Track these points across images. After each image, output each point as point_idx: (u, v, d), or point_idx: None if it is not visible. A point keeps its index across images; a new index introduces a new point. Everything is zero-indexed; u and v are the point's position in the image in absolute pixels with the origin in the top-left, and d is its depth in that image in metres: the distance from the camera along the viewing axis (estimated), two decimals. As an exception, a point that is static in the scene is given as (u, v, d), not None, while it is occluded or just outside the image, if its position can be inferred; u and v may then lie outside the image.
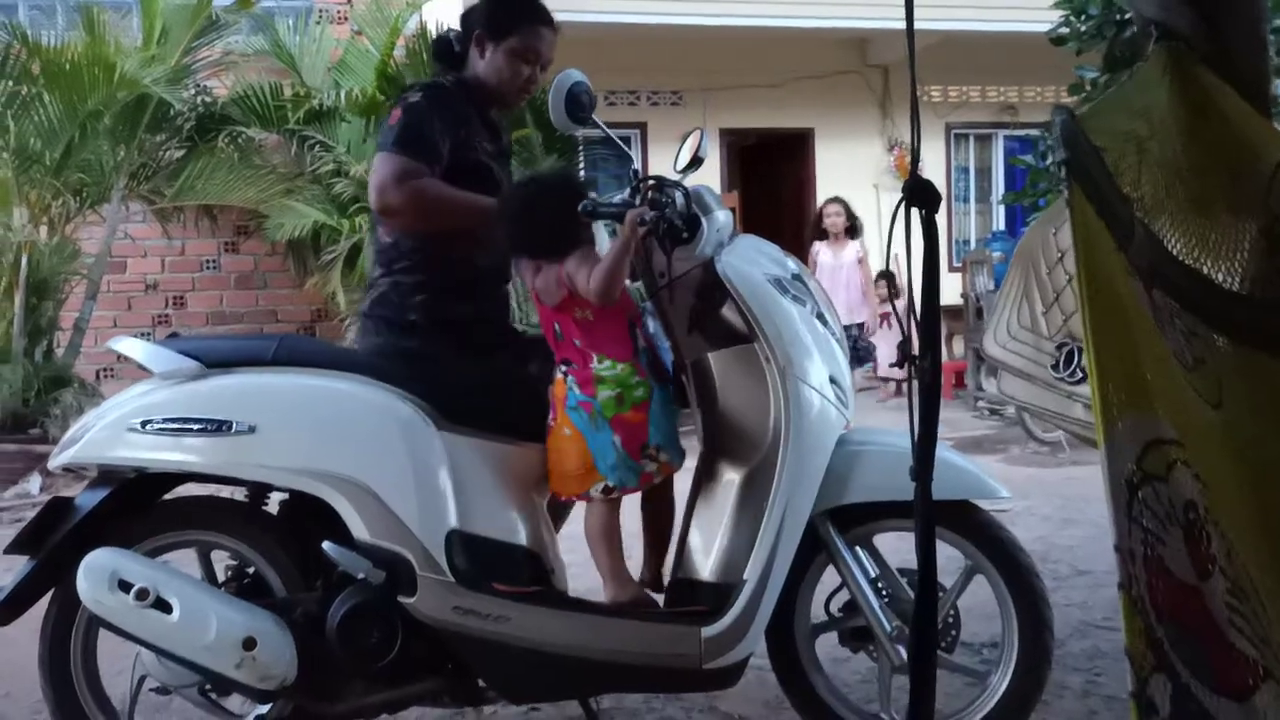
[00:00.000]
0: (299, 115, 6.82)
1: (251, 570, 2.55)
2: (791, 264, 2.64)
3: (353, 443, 2.43)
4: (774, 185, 11.66)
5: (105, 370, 7.69)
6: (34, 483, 6.19)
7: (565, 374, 2.51)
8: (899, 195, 1.66)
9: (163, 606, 2.33)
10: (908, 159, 11.77)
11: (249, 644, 2.33)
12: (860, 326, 7.88)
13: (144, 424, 2.42)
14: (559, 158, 7.60)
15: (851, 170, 11.43)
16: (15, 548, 2.48)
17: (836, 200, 8.46)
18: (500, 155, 2.85)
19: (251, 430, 2.40)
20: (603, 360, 2.48)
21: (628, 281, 2.52)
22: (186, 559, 2.59)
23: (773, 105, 11.23)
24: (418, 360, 2.58)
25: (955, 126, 12.00)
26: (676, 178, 2.70)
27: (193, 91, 6.83)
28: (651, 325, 2.67)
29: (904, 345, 1.71)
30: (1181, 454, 0.87)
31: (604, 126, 2.76)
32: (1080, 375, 1.17)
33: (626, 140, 11.28)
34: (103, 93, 6.03)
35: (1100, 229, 0.93)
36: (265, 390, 2.47)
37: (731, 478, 2.52)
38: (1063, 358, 1.16)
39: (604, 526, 2.52)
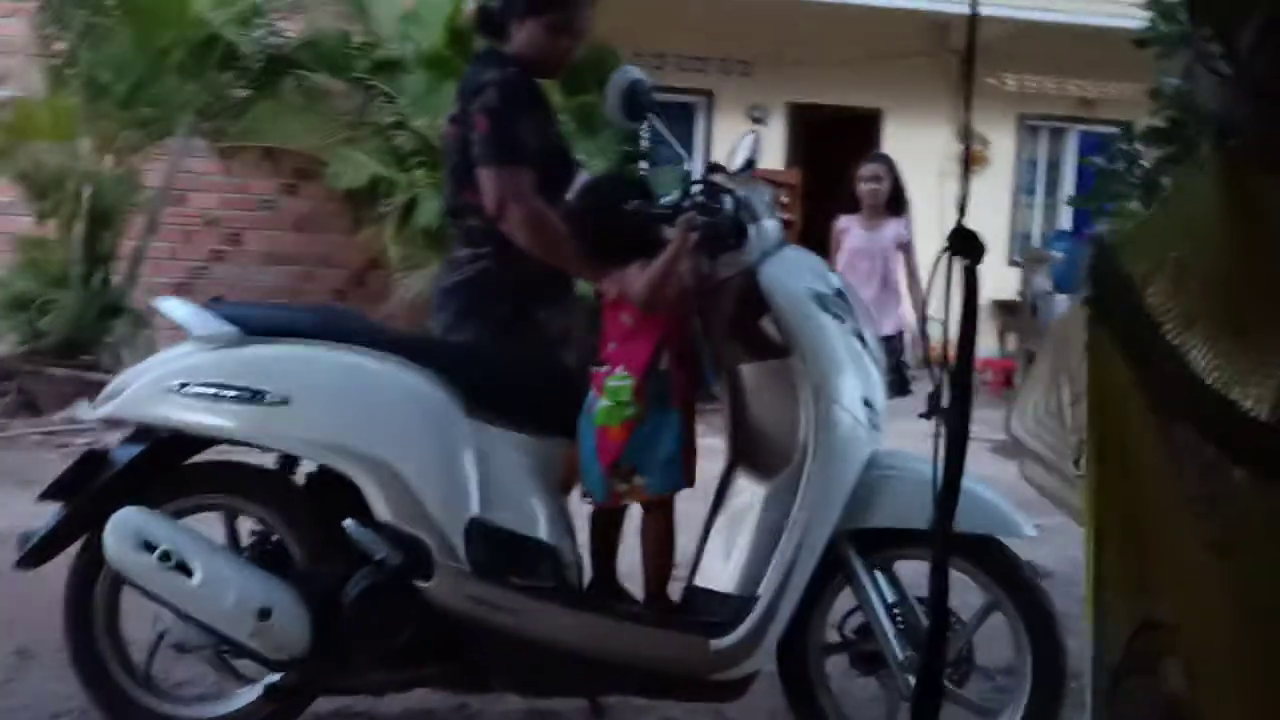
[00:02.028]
0: (366, 64, 6.83)
1: (275, 538, 2.59)
2: (835, 279, 2.61)
3: (382, 423, 2.45)
4: (838, 165, 11.49)
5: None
6: (83, 408, 6.31)
7: (594, 371, 2.52)
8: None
9: (184, 570, 2.38)
10: (977, 150, 11.63)
11: (265, 614, 2.37)
12: (896, 341, 5.04)
13: (182, 386, 2.46)
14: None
15: (918, 155, 11.22)
16: (49, 495, 2.54)
17: (879, 159, 5.42)
18: (554, 118, 3.00)
19: (285, 402, 2.43)
20: (616, 370, 2.49)
21: None
22: (214, 519, 2.64)
23: (844, 83, 11.07)
24: (454, 346, 2.59)
25: (1029, 118, 11.76)
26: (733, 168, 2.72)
27: (263, 33, 6.86)
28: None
29: (934, 396, 1.68)
30: (1174, 643, 0.84)
31: (660, 125, 2.73)
32: None
33: (692, 108, 11.15)
34: (174, 30, 6.08)
35: (1120, 373, 0.90)
36: (301, 363, 2.49)
37: (756, 490, 2.51)
38: (1085, 456, 1.13)
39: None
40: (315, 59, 6.92)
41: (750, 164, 2.81)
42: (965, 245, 1.62)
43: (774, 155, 11.36)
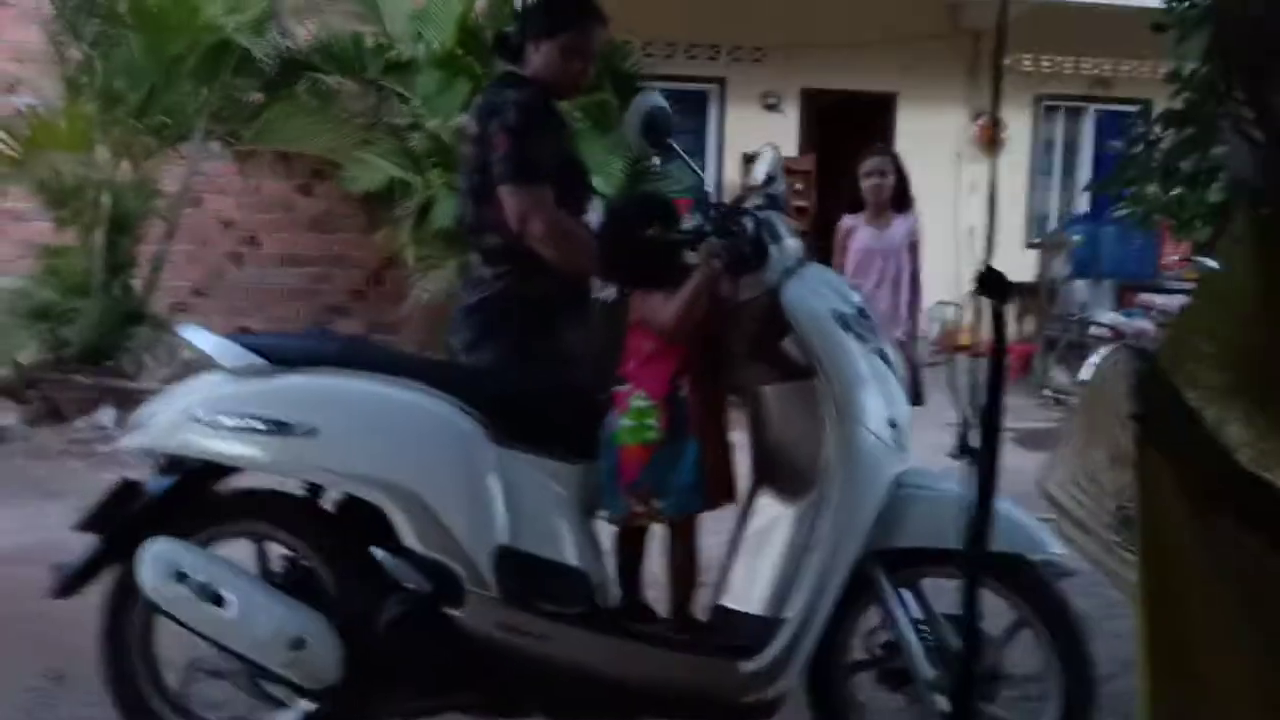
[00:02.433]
0: (379, 65, 6.83)
1: (304, 563, 2.61)
2: (856, 298, 2.61)
3: (410, 452, 2.47)
4: (852, 149, 11.41)
5: (179, 304, 7.85)
6: (107, 415, 6.36)
7: (617, 391, 2.55)
8: (980, 167, 1.63)
9: (218, 601, 2.41)
10: (993, 131, 11.55)
11: (298, 644, 2.40)
12: (911, 347, 4.73)
13: (211, 418, 2.48)
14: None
15: (933, 138, 11.18)
16: (84, 526, 2.57)
17: (880, 153, 4.98)
18: (572, 138, 3.09)
19: (313, 432, 2.45)
20: (638, 391, 2.52)
21: None
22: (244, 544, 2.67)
23: (857, 67, 10.99)
24: (478, 373, 2.61)
25: (1045, 98, 11.67)
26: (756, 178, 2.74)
27: (276, 35, 6.86)
28: None
29: (963, 434, 1.68)
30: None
31: (680, 151, 2.73)
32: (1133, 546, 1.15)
33: (705, 96, 11.11)
34: (187, 36, 6.09)
35: (1166, 488, 0.90)
36: (328, 393, 2.51)
37: (782, 512, 2.52)
38: (1120, 521, 1.13)
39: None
40: (328, 61, 6.92)
41: (770, 179, 2.81)
42: (993, 286, 1.62)
43: (788, 142, 11.31)
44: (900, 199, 4.86)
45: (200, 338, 2.59)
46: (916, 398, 4.21)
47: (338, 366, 2.55)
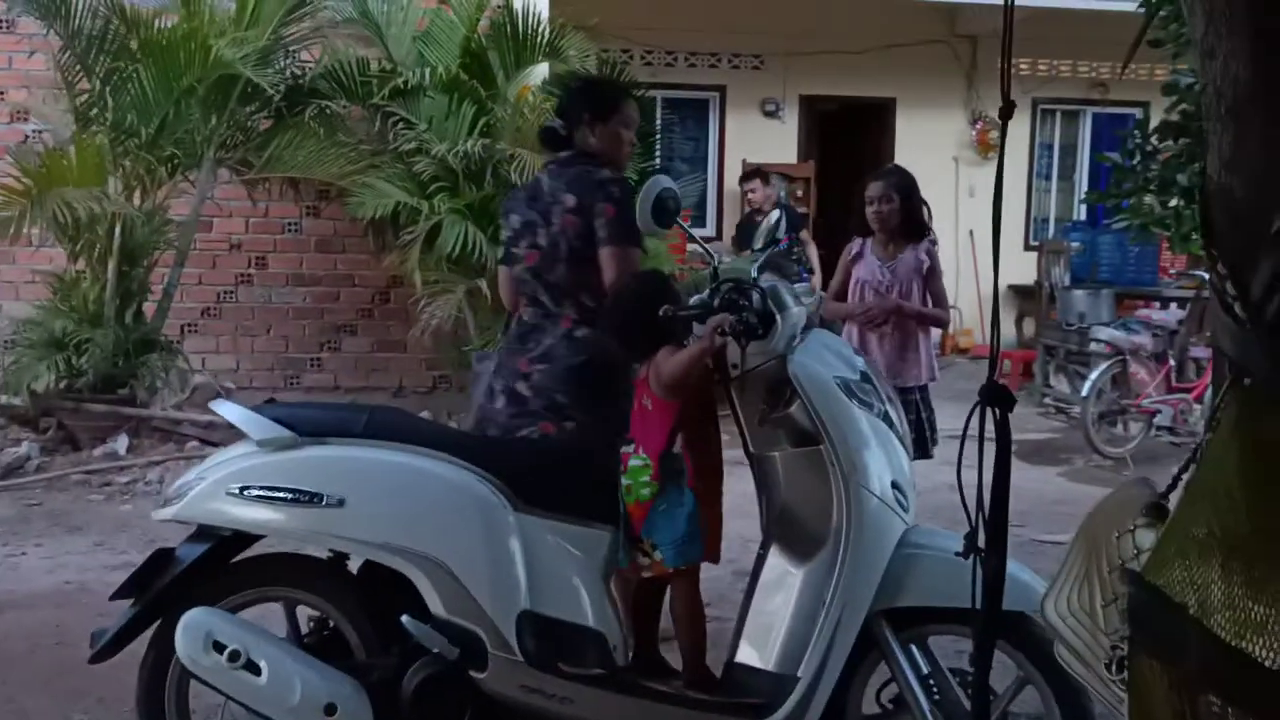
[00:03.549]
0: (384, 91, 6.89)
1: (332, 624, 2.71)
2: (860, 363, 2.71)
3: (434, 522, 2.57)
4: (852, 155, 11.52)
5: (189, 325, 7.94)
6: (121, 443, 6.46)
7: (624, 451, 2.71)
8: (978, 171, 1.72)
9: (252, 668, 2.50)
10: (989, 135, 11.62)
11: (331, 709, 2.50)
12: (923, 392, 4.31)
13: (242, 489, 2.58)
14: (638, 140, 7.59)
15: (932, 142, 11.26)
16: (120, 594, 2.67)
17: (882, 177, 4.51)
18: None
19: (340, 504, 2.55)
20: (639, 450, 2.66)
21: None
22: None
23: (856, 73, 11.06)
24: (497, 441, 2.70)
25: (1042, 102, 11.74)
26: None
27: (283, 64, 6.93)
28: None
29: (970, 536, 1.77)
30: None
31: (690, 231, 2.82)
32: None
33: (705, 103, 11.16)
34: (197, 70, 6.16)
35: (1162, 696, 0.98)
36: (354, 465, 2.60)
37: (792, 572, 2.62)
38: (1115, 661, 1.21)
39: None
40: (334, 87, 6.99)
41: (775, 241, 2.91)
42: (996, 397, 1.71)
43: (788, 149, 11.40)
44: (909, 227, 4.39)
45: (231, 411, 2.69)
46: (924, 449, 4.06)
47: (363, 437, 2.64)
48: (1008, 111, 1.65)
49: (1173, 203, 7.84)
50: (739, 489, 2.89)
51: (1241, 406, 1.14)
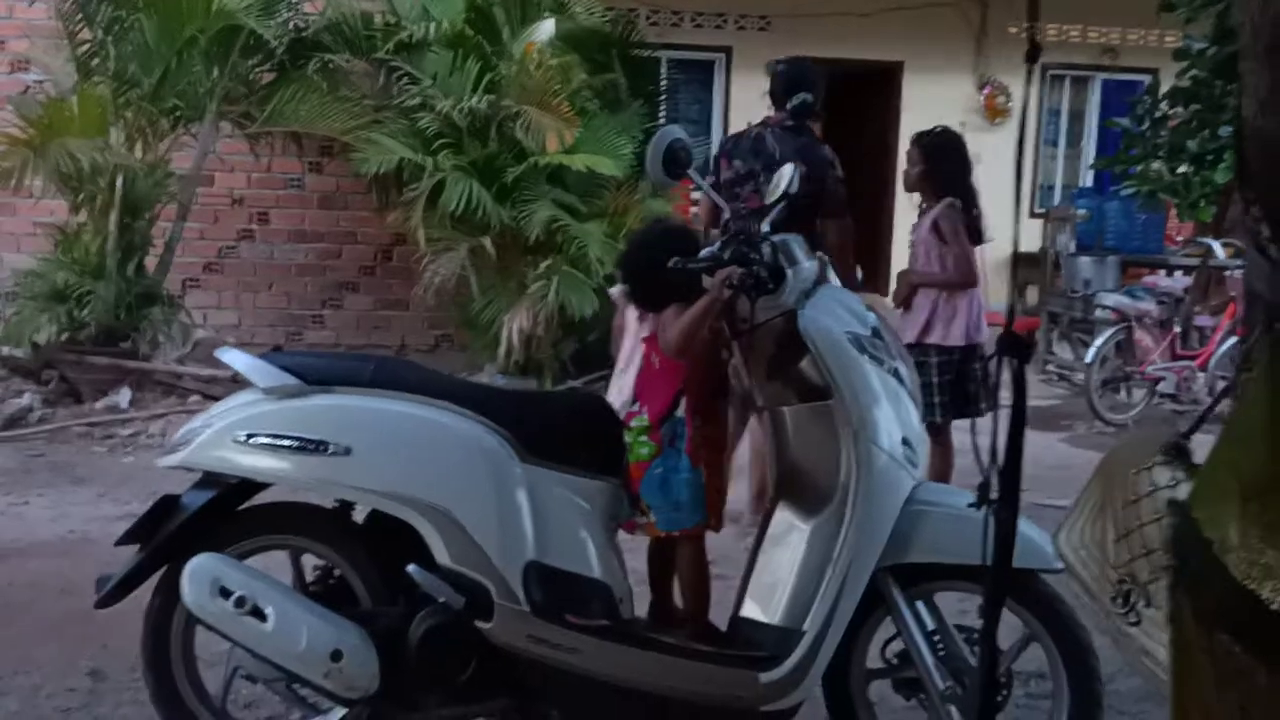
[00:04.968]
0: (388, 45, 6.82)
1: (338, 573, 2.70)
2: (872, 318, 2.69)
3: (440, 471, 2.55)
4: (858, 119, 11.42)
5: (190, 280, 7.91)
6: (124, 396, 6.45)
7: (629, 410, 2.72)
8: (985, 136, 1.71)
9: (258, 614, 2.50)
10: (997, 100, 11.53)
11: (336, 656, 2.49)
12: (965, 353, 4.34)
13: (248, 437, 2.56)
14: (642, 100, 7.55)
15: (939, 106, 11.12)
16: (126, 540, 2.66)
17: (918, 137, 4.58)
18: None
19: (347, 452, 2.53)
20: (639, 409, 2.67)
21: None
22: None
23: (864, 36, 10.95)
24: (505, 393, 2.69)
25: (1051, 67, 11.61)
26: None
27: (286, 16, 6.86)
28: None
29: (983, 487, 1.76)
30: None
31: (701, 182, 2.79)
32: (1135, 619, 1.21)
33: (711, 65, 11.08)
34: (199, 21, 6.09)
35: (1190, 623, 0.96)
36: (361, 414, 2.59)
37: (800, 527, 2.61)
38: (1121, 595, 1.20)
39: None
40: (337, 41, 6.92)
41: (787, 195, 2.88)
42: (1013, 348, 1.70)
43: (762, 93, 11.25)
44: (934, 187, 4.43)
45: (237, 358, 2.67)
46: (961, 408, 4.33)
47: (370, 387, 2.62)
48: (1034, 54, 1.61)
49: (1181, 169, 7.82)
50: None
51: (1274, 348, 1.12)
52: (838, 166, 4.04)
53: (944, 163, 4.43)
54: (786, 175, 2.90)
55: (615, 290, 2.93)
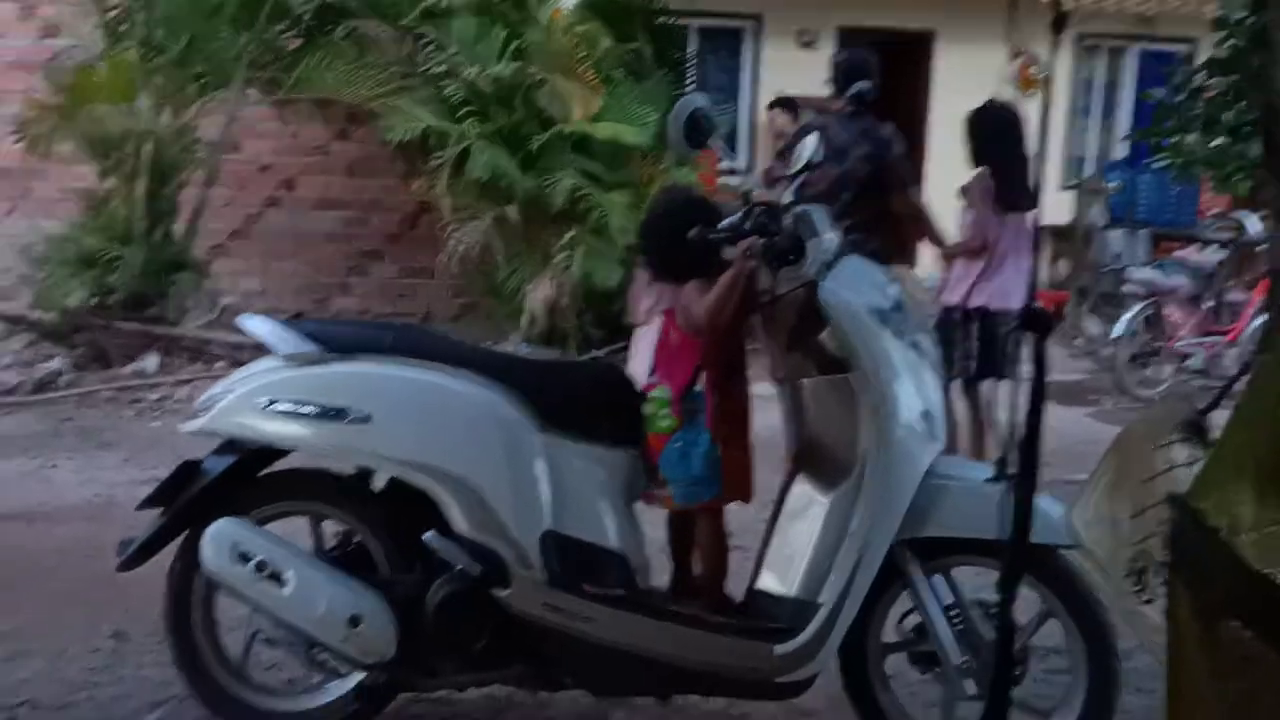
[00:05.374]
0: (415, 12, 6.80)
1: (357, 539, 2.72)
2: (894, 291, 2.66)
3: (459, 440, 2.56)
4: (891, 89, 11.28)
5: (217, 247, 7.95)
6: (151, 361, 6.52)
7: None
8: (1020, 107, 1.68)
9: (278, 579, 2.53)
10: (1030, 70, 11.36)
11: (355, 621, 2.52)
12: (985, 317, 4.54)
13: (269, 403, 2.57)
14: (668, 68, 7.50)
15: (971, 77, 10.99)
16: (148, 504, 2.69)
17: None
18: None
19: (366, 420, 2.54)
20: (662, 382, 2.63)
21: None
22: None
23: (895, 3, 10.83)
24: (525, 361, 2.69)
25: (1086, 37, 11.42)
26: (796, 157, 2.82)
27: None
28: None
29: (1002, 461, 1.74)
30: None
31: (725, 151, 2.76)
32: (1149, 597, 1.20)
33: (740, 33, 10.98)
34: (226, -16, 6.11)
35: (1187, 617, 0.95)
36: (381, 382, 2.59)
37: (818, 499, 2.60)
38: (1135, 573, 1.19)
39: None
40: (364, 7, 6.90)
41: (809, 166, 2.84)
42: (1035, 322, 1.68)
43: (824, 80, 11.15)
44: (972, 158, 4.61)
45: (258, 326, 2.67)
46: (984, 368, 4.54)
47: (391, 355, 2.63)
48: (1060, 24, 1.57)
49: (1217, 141, 7.68)
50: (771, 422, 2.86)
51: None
52: (900, 143, 4.38)
53: (979, 134, 4.58)
54: (810, 146, 2.86)
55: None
